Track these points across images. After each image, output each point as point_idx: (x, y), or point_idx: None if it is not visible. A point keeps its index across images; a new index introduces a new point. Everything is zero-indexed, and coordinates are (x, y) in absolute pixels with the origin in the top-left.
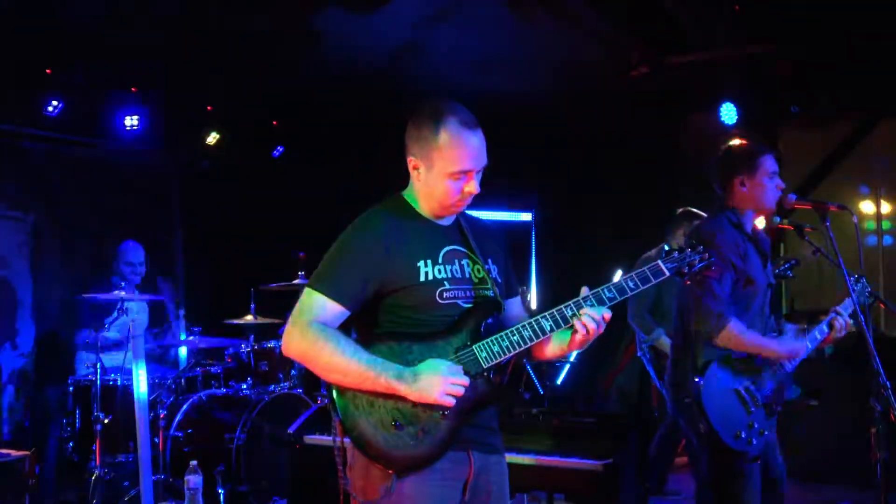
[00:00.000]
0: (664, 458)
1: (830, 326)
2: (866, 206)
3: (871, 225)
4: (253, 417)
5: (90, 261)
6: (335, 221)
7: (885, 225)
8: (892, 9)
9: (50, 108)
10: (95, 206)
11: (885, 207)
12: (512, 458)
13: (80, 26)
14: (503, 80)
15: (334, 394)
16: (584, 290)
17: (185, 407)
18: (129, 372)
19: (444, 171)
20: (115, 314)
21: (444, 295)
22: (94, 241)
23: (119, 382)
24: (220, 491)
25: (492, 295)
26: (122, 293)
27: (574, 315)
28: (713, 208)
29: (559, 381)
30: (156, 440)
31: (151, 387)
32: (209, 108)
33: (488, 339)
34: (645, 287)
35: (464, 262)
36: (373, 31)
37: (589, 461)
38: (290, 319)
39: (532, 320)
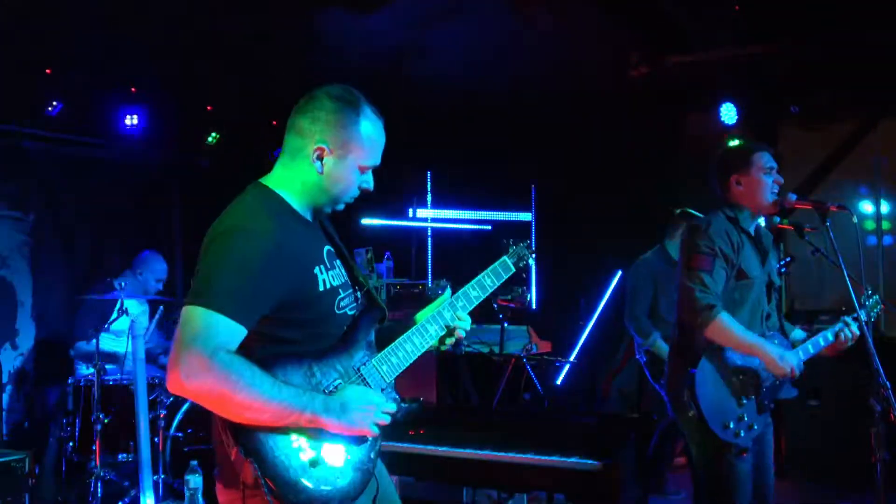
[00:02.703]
0: (663, 457)
1: (836, 336)
2: (866, 206)
3: (871, 225)
4: None
5: (90, 261)
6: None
7: (885, 225)
8: (891, 9)
9: (50, 108)
10: (95, 206)
11: (885, 207)
12: (512, 458)
13: (80, 26)
14: (503, 81)
15: (245, 435)
16: (448, 291)
17: (185, 407)
18: (129, 372)
19: (357, 162)
20: (116, 315)
21: (340, 304)
22: (94, 241)
23: (119, 382)
24: None
25: (370, 297)
26: (122, 294)
27: (453, 318)
28: (714, 208)
29: (559, 381)
30: (156, 440)
31: (151, 387)
32: (209, 108)
33: (385, 352)
34: (500, 282)
35: (338, 262)
36: (373, 31)
37: (589, 461)
38: (182, 347)
39: (419, 326)
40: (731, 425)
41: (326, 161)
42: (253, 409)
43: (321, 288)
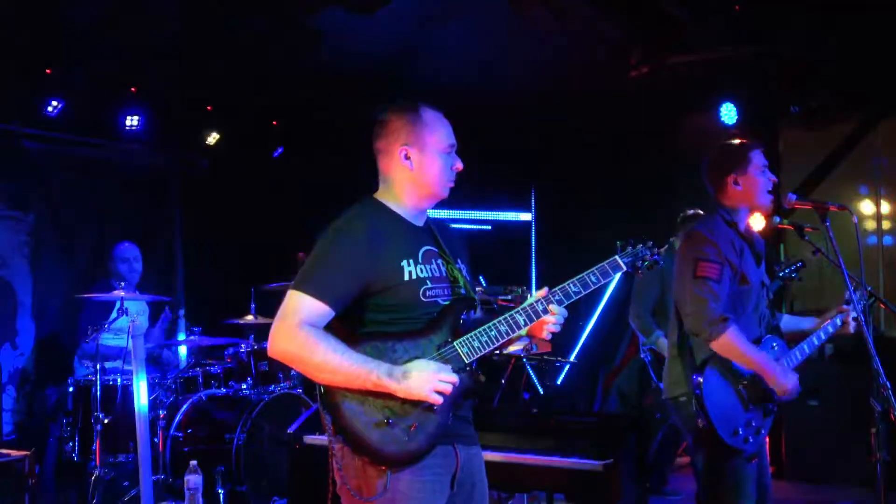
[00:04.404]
0: (664, 458)
1: (844, 322)
2: (866, 206)
3: (871, 225)
4: (253, 417)
5: (90, 261)
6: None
7: (885, 225)
8: (892, 8)
9: (50, 109)
10: (95, 206)
11: (885, 207)
12: (512, 458)
13: (80, 26)
14: (503, 80)
15: (325, 394)
16: (545, 290)
17: (185, 407)
18: (129, 372)
19: (437, 146)
20: (115, 315)
21: (427, 293)
22: (94, 241)
23: (119, 382)
24: (220, 491)
25: (466, 293)
26: (122, 293)
27: (545, 310)
28: (708, 208)
29: (559, 381)
30: (156, 440)
31: (151, 387)
32: (209, 108)
33: (468, 335)
34: (606, 281)
35: (439, 261)
36: (373, 31)
37: (589, 461)
38: (276, 321)
39: (507, 315)
40: (741, 431)
41: (413, 157)
42: (327, 371)
43: (406, 278)
